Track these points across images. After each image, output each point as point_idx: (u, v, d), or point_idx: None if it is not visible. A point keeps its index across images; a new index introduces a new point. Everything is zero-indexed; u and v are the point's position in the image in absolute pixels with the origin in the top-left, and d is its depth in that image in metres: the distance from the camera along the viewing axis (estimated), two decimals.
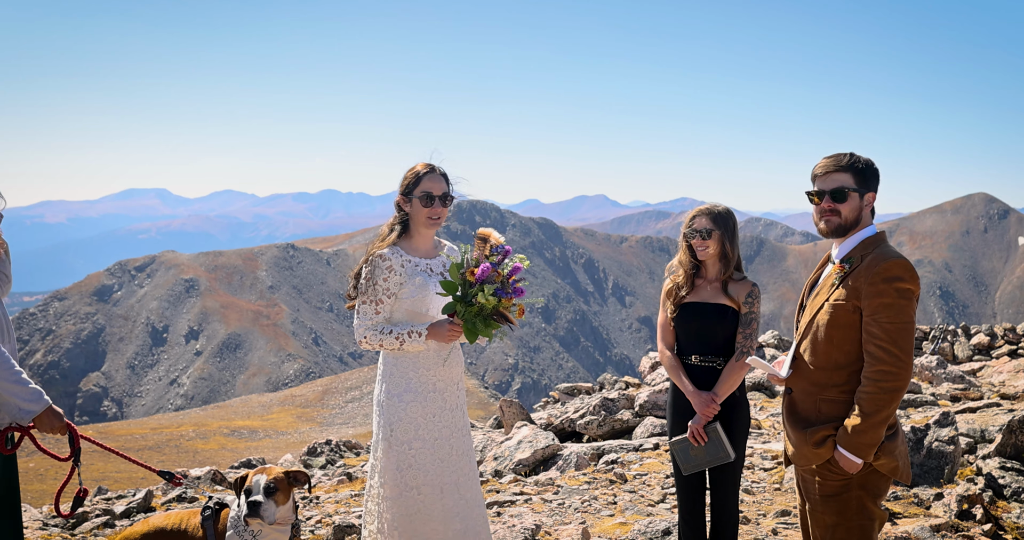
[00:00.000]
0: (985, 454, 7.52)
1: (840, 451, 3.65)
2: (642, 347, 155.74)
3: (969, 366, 14.11)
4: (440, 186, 4.53)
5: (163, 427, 55.09)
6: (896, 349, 3.56)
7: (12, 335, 4.10)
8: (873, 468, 3.70)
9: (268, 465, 4.99)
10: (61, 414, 3.95)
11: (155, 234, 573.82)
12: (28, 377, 3.89)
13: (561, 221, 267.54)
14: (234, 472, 13.01)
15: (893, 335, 3.57)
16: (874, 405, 3.57)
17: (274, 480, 3.94)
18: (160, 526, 4.02)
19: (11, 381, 3.80)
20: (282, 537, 3.96)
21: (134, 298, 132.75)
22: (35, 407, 3.85)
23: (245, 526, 3.89)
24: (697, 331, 4.75)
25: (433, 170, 4.56)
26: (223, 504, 4.06)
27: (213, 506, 4.04)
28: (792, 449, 3.91)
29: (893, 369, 3.56)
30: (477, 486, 4.67)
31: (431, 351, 4.49)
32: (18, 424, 3.90)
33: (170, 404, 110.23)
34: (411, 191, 4.52)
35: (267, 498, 3.89)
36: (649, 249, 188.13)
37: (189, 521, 4.03)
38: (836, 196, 3.80)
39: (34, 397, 3.85)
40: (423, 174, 4.53)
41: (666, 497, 7.68)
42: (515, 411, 11.52)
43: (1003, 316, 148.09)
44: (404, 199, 4.55)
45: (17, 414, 3.84)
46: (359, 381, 66.41)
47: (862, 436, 3.58)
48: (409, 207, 4.54)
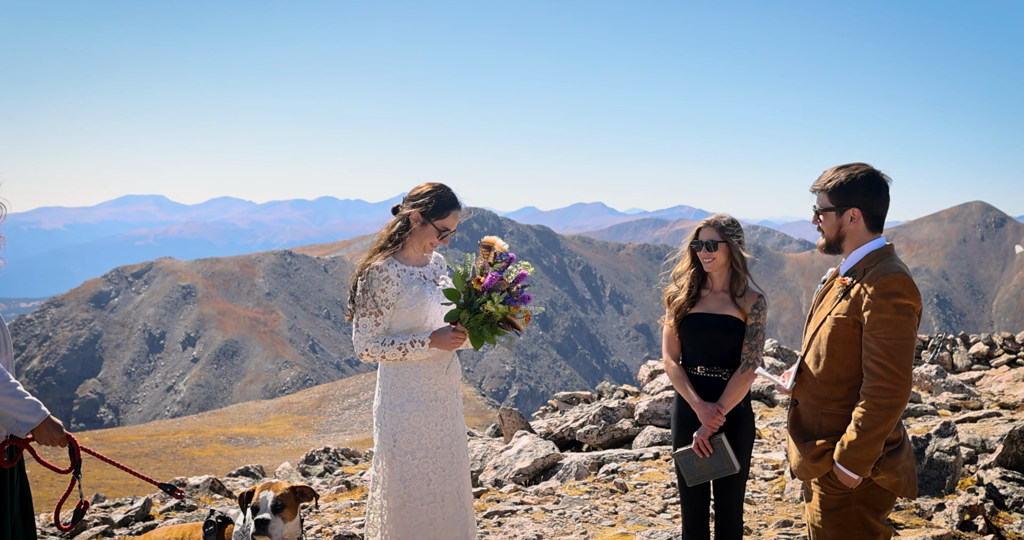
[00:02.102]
0: (986, 464, 7.50)
1: (837, 466, 3.63)
2: (639, 355, 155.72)
3: (968, 375, 14.08)
4: (456, 223, 4.54)
5: (159, 434, 54.99)
6: (893, 366, 3.53)
7: (9, 346, 4.03)
8: (874, 483, 3.68)
9: (274, 480, 4.93)
10: (60, 425, 3.88)
11: (152, 241, 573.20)
12: (24, 389, 3.82)
13: (558, 229, 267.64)
14: (232, 480, 12.96)
15: (891, 351, 3.54)
16: (870, 421, 3.54)
17: (281, 497, 3.91)
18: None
19: (7, 394, 3.73)
20: None
21: (131, 304, 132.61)
22: (32, 419, 3.78)
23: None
24: (703, 342, 4.73)
25: (459, 207, 4.55)
26: (226, 518, 4.01)
27: (216, 521, 3.99)
28: (795, 461, 3.90)
29: (890, 386, 3.53)
30: (471, 492, 4.68)
31: (432, 360, 4.49)
32: (16, 437, 3.85)
33: (167, 411, 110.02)
34: (432, 216, 4.48)
35: (274, 515, 3.86)
36: (646, 257, 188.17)
37: (191, 536, 3.97)
38: (816, 216, 3.87)
39: (31, 409, 3.78)
40: (453, 208, 4.53)
41: (667, 507, 7.66)
42: (515, 420, 11.49)
43: (1000, 324, 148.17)
44: (419, 218, 4.49)
45: (15, 427, 3.77)
46: (356, 388, 66.38)
47: (858, 452, 3.56)
48: (418, 226, 4.50)
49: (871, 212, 3.78)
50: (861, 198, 3.76)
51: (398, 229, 4.54)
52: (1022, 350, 15.77)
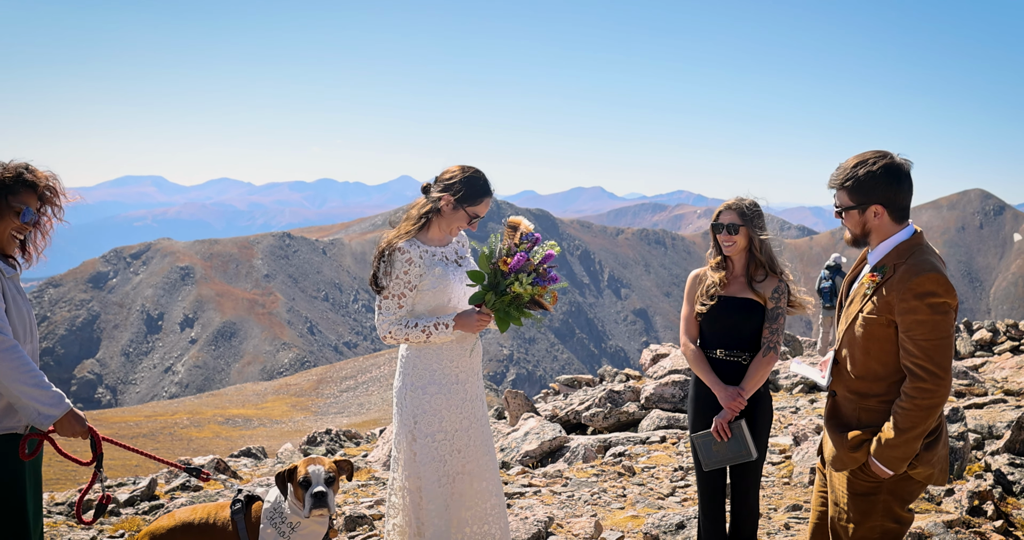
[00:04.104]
0: (994, 450, 7.52)
1: (873, 461, 3.61)
2: (637, 339, 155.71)
3: (971, 362, 14.10)
4: (487, 210, 4.50)
5: (157, 415, 54.93)
6: (932, 366, 3.48)
7: (35, 335, 4.01)
8: (908, 474, 3.65)
9: (314, 456, 4.94)
10: (84, 418, 3.85)
11: (151, 221, 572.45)
12: (48, 381, 3.79)
13: (557, 213, 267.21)
14: (234, 461, 12.96)
15: (929, 352, 3.49)
16: (909, 421, 3.50)
17: (330, 470, 3.94)
18: (187, 520, 3.93)
19: (31, 385, 3.70)
20: (321, 529, 3.90)
21: (129, 285, 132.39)
22: (55, 411, 3.75)
23: (283, 519, 3.83)
24: (723, 325, 4.71)
25: (491, 194, 4.51)
26: (254, 497, 4.00)
27: (243, 499, 3.97)
28: (829, 452, 3.85)
29: (931, 386, 3.48)
30: (495, 475, 4.64)
31: (456, 342, 4.47)
32: (37, 429, 3.81)
33: (164, 392, 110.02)
34: (464, 202, 4.43)
35: (328, 488, 3.89)
36: (645, 241, 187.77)
37: (218, 515, 3.94)
38: (839, 214, 3.79)
39: (54, 401, 3.75)
40: (485, 195, 4.48)
41: (675, 490, 7.67)
42: (520, 402, 11.50)
43: (998, 312, 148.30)
44: (451, 202, 4.43)
45: (36, 418, 3.73)
46: (354, 370, 66.33)
47: (895, 450, 3.53)
48: (449, 209, 4.45)
49: (895, 205, 3.68)
50: (882, 193, 3.65)
51: (427, 212, 4.49)
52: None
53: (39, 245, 4.16)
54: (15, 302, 3.91)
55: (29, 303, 4.05)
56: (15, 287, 3.97)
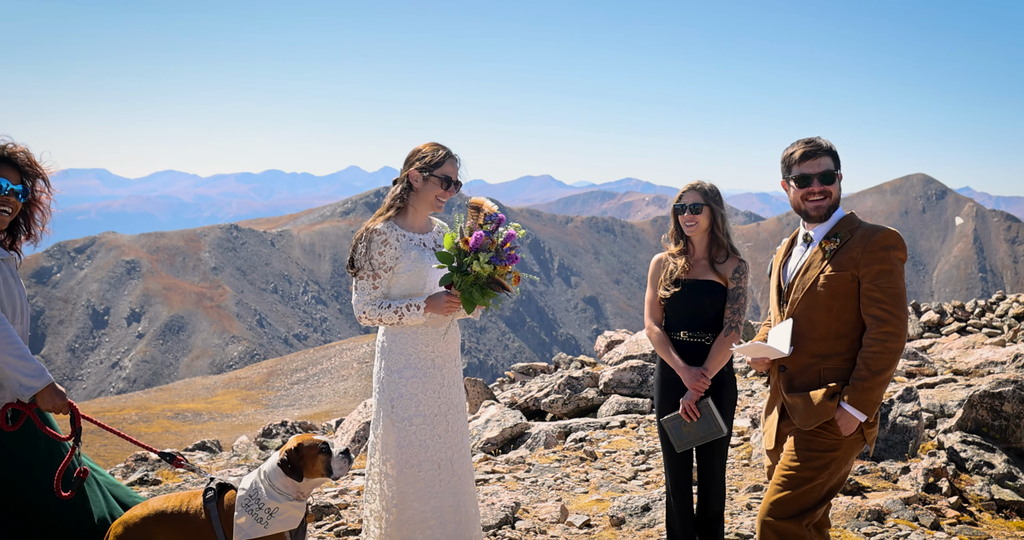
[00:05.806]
0: (946, 428, 7.67)
1: (844, 408, 3.76)
2: (588, 327, 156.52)
3: (920, 343, 14.38)
4: (456, 172, 4.54)
5: (105, 410, 54.18)
6: (899, 311, 3.75)
7: (26, 318, 4.03)
8: (856, 436, 3.82)
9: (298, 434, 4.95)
10: (63, 392, 3.89)
11: (95, 215, 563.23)
12: (31, 354, 3.83)
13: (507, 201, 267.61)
14: (189, 454, 12.84)
15: (895, 299, 3.76)
16: (881, 363, 3.72)
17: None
18: (160, 509, 3.91)
19: (15, 356, 3.74)
20: (298, 513, 3.88)
21: (74, 280, 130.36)
22: (36, 383, 3.79)
23: (259, 505, 3.81)
24: (686, 308, 4.76)
25: (454, 155, 4.55)
26: (227, 485, 3.98)
27: (215, 487, 3.95)
28: (801, 413, 3.89)
29: (897, 330, 3.73)
30: (470, 461, 4.68)
31: (429, 326, 4.48)
32: (19, 401, 3.83)
33: (112, 387, 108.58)
34: (431, 170, 4.47)
35: None
36: (594, 229, 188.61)
37: (191, 503, 3.93)
38: (825, 179, 3.93)
39: (36, 373, 3.79)
40: (447, 156, 4.51)
41: (637, 474, 7.74)
42: (479, 390, 11.54)
43: (940, 295, 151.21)
44: (419, 175, 4.48)
45: (18, 390, 3.78)
46: (304, 363, 65.96)
47: (870, 393, 3.73)
48: (420, 184, 4.49)
49: None
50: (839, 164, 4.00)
51: (400, 192, 4.53)
52: (972, 318, 16.13)
53: (42, 220, 4.23)
54: (6, 284, 3.93)
55: (22, 286, 4.07)
56: (8, 269, 4.00)
